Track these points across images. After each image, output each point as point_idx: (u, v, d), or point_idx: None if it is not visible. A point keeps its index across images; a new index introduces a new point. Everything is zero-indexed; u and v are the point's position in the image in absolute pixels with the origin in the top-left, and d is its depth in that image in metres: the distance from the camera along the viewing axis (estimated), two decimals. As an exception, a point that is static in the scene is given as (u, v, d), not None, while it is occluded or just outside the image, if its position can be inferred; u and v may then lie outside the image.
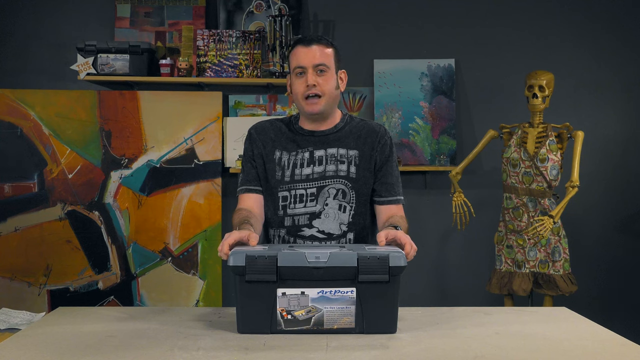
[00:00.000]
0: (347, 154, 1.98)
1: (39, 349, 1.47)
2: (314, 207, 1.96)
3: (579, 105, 3.84)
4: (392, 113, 3.80)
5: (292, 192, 1.97)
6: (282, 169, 1.98)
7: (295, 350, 1.45)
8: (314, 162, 1.98)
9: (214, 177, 3.69)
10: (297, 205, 1.97)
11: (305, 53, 1.93)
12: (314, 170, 1.97)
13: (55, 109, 3.66)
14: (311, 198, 1.96)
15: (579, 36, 3.85)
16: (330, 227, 1.97)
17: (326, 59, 1.93)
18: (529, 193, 3.25)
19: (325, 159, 1.98)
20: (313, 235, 1.96)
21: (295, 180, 1.97)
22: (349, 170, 1.97)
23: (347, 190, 1.97)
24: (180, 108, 3.69)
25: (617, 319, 3.72)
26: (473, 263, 3.83)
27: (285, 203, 1.97)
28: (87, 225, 3.65)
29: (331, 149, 1.98)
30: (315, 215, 1.96)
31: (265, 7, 3.78)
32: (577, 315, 1.85)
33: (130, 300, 3.65)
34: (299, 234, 1.97)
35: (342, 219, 1.97)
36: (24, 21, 3.78)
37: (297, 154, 1.99)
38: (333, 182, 1.97)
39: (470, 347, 1.49)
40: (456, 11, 3.85)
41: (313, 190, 1.97)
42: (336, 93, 1.98)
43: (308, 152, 1.99)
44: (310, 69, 1.92)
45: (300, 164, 1.98)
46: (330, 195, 1.97)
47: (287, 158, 1.99)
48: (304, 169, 1.98)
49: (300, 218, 1.97)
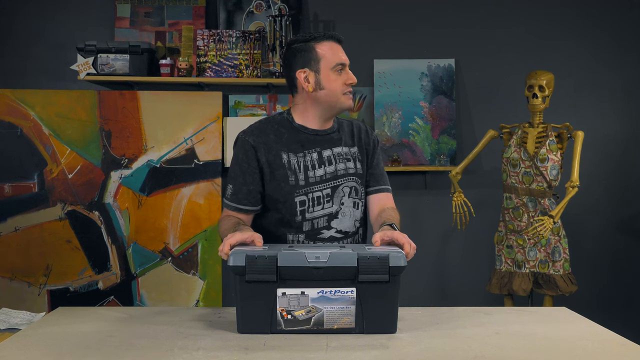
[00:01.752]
0: (350, 152, 2.01)
1: (39, 349, 1.47)
2: (331, 207, 1.95)
3: (579, 105, 3.84)
4: (392, 113, 3.80)
5: (309, 195, 1.92)
6: (294, 172, 1.92)
7: (295, 350, 1.45)
8: (323, 162, 1.96)
9: (214, 177, 3.69)
10: (316, 208, 1.93)
11: (341, 50, 1.94)
12: (326, 171, 1.95)
13: (55, 109, 3.66)
14: (327, 199, 1.95)
15: (579, 36, 3.85)
16: (347, 226, 1.98)
17: None
18: (529, 193, 3.25)
19: (334, 158, 1.98)
20: (332, 236, 1.95)
21: (310, 183, 1.93)
22: (355, 167, 2.01)
23: (358, 187, 2.01)
24: (180, 108, 3.69)
25: (617, 319, 3.71)
26: (473, 263, 3.83)
27: (304, 207, 1.92)
28: (87, 225, 3.65)
29: (336, 147, 2.00)
30: (332, 215, 1.95)
31: (265, 7, 3.78)
32: (577, 315, 1.85)
33: (130, 300, 3.65)
34: (319, 237, 1.94)
35: (356, 215, 2.00)
36: (24, 21, 3.78)
37: (305, 155, 1.94)
38: (346, 181, 1.99)
39: (470, 347, 1.49)
40: (456, 11, 3.85)
41: (328, 191, 1.95)
42: None
43: (316, 152, 1.96)
44: (345, 67, 1.93)
45: (311, 165, 1.94)
46: (345, 194, 1.97)
47: (296, 160, 1.93)
48: (317, 170, 1.94)
49: (320, 220, 1.94)
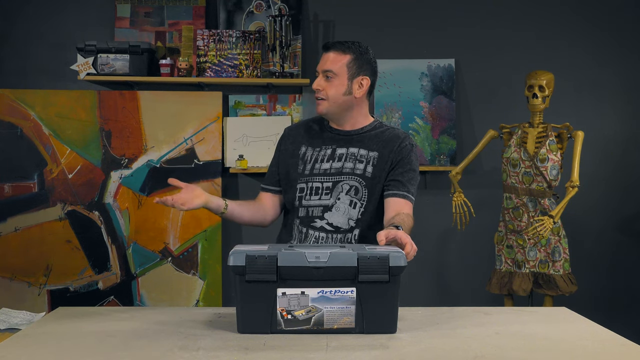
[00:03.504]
0: (368, 155, 2.06)
1: (39, 349, 1.47)
2: (328, 200, 2.05)
3: (579, 105, 3.84)
4: (392, 113, 3.80)
5: (309, 184, 2.07)
6: (304, 163, 2.10)
7: (295, 350, 1.45)
8: (334, 158, 2.07)
9: (214, 177, 3.69)
10: (312, 198, 2.06)
11: (322, 58, 2.07)
12: (332, 166, 2.07)
13: (55, 109, 3.66)
14: (326, 192, 2.05)
15: (579, 36, 3.85)
16: (339, 221, 2.03)
17: (335, 66, 2.02)
18: (529, 193, 3.25)
19: (345, 157, 2.07)
20: (323, 227, 2.04)
21: (313, 174, 2.07)
22: (365, 169, 2.04)
23: (360, 188, 2.03)
24: (180, 108, 3.69)
25: (617, 319, 3.71)
26: (473, 263, 3.83)
27: (302, 194, 2.07)
28: (87, 225, 3.65)
29: (353, 148, 2.07)
30: (327, 208, 2.04)
31: (265, 7, 3.78)
32: (577, 315, 1.85)
33: (130, 300, 3.65)
34: (312, 224, 2.05)
35: (352, 214, 2.03)
36: (24, 21, 3.78)
37: (321, 150, 2.09)
38: (348, 179, 2.04)
39: (470, 347, 1.49)
40: (456, 11, 3.85)
41: (329, 185, 2.05)
42: (344, 99, 2.05)
43: (331, 149, 2.09)
44: (320, 73, 2.06)
45: (321, 159, 2.08)
46: (343, 190, 2.04)
47: (311, 153, 2.10)
48: (324, 164, 2.07)
49: (315, 210, 2.05)
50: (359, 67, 2.03)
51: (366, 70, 2.05)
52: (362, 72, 2.04)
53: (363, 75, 2.05)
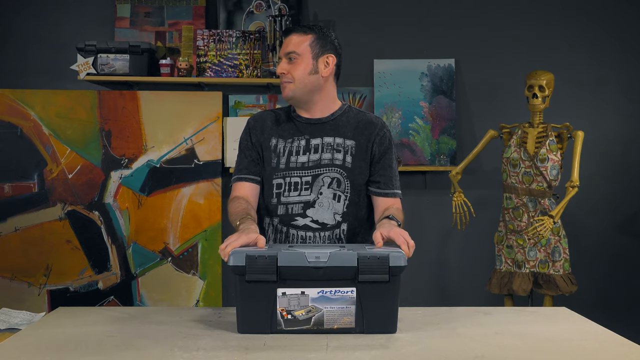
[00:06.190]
0: (344, 143, 1.98)
1: (39, 349, 1.47)
2: (309, 195, 1.95)
3: (579, 105, 3.84)
4: (392, 113, 3.80)
5: (286, 179, 1.96)
6: (278, 156, 1.97)
7: (295, 350, 1.45)
8: (309, 150, 1.97)
9: (214, 177, 3.69)
10: (292, 194, 1.95)
11: (284, 43, 1.98)
12: (310, 159, 1.96)
13: (55, 109, 3.66)
14: (306, 187, 1.95)
15: (579, 36, 3.85)
16: (325, 217, 1.95)
17: (297, 47, 1.94)
18: (529, 193, 3.25)
19: (322, 147, 1.97)
20: (307, 225, 1.95)
21: (290, 168, 1.96)
22: (344, 159, 1.96)
23: (342, 179, 1.96)
24: (180, 108, 3.69)
25: (617, 319, 3.71)
26: (473, 263, 3.83)
27: (280, 191, 1.96)
28: (87, 225, 3.65)
29: (327, 137, 1.98)
30: (309, 204, 1.95)
31: (265, 7, 3.78)
32: (577, 315, 1.85)
33: (130, 300, 3.65)
34: (292, 223, 1.95)
35: (337, 208, 1.96)
36: (24, 21, 3.78)
37: (293, 141, 1.98)
38: (328, 171, 1.96)
39: (470, 347, 1.49)
40: (456, 11, 3.85)
41: (308, 179, 1.96)
42: (311, 79, 1.95)
43: (304, 139, 1.98)
44: (284, 57, 1.96)
45: (295, 151, 1.97)
46: (324, 184, 1.95)
47: (283, 145, 1.98)
48: (300, 156, 1.96)
49: (294, 207, 1.95)
50: (322, 46, 1.96)
51: (330, 49, 1.98)
52: (327, 51, 1.97)
53: (327, 53, 1.97)
